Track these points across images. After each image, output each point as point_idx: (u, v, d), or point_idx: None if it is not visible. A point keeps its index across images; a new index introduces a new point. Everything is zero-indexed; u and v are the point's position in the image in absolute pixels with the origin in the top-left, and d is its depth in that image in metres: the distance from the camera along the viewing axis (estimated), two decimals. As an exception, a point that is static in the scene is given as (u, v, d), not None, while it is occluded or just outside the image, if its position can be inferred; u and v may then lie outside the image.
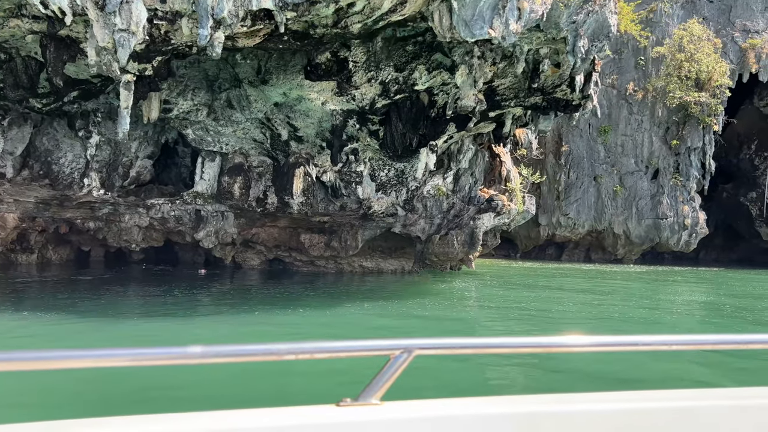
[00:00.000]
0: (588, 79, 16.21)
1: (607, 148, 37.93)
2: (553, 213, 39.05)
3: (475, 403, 1.91)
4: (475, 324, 14.10)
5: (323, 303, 15.82)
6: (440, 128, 18.06)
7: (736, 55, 35.91)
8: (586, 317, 14.96)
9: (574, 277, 27.40)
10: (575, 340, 2.09)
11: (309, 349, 1.82)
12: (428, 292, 18.56)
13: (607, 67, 38.29)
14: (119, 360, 1.74)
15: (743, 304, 19.79)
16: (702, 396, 2.11)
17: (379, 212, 20.60)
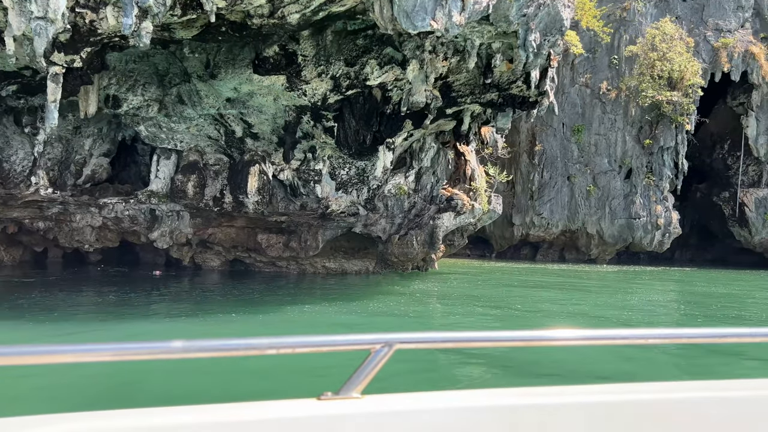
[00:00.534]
0: (544, 75, 15.78)
1: (581, 148, 37.68)
2: (526, 213, 38.74)
3: (455, 397, 1.93)
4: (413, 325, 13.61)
5: (268, 305, 15.28)
6: (397, 125, 17.57)
7: (708, 55, 35.79)
8: (534, 317, 14.54)
9: (540, 276, 27.04)
10: (557, 333, 2.11)
11: (290, 344, 1.82)
12: (383, 293, 18.07)
13: (581, 66, 38.08)
14: (101, 355, 1.72)
15: (700, 302, 19.50)
16: (688, 388, 2.10)
17: (338, 212, 20.08)
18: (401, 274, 24.89)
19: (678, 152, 35.82)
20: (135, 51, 17.86)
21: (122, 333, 11.56)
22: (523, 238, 39.89)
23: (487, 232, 43.03)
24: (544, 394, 2.00)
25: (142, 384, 7.24)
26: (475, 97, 16.70)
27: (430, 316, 14.77)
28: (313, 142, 18.56)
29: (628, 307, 17.65)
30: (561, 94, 38.25)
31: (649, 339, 2.38)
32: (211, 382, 7.43)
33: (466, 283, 22.26)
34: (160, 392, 7.12)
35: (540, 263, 38.85)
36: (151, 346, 1.71)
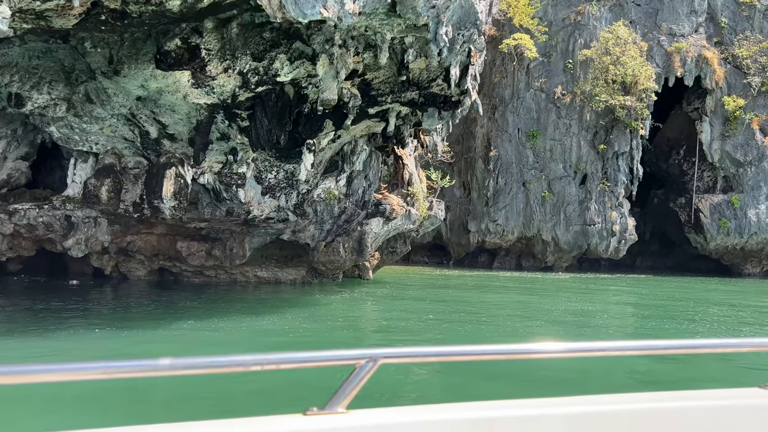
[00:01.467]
0: (465, 73, 14.92)
1: (536, 153, 37.09)
2: (482, 219, 38.00)
3: (440, 410, 1.95)
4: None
5: (165, 319, 14.13)
6: (317, 125, 16.58)
7: (661, 59, 35.48)
8: (438, 333, 13.58)
9: (483, 283, 26.18)
10: (540, 347, 2.13)
11: (275, 360, 1.84)
12: (303, 304, 17.02)
13: (536, 70, 37.56)
14: (89, 373, 1.73)
15: (623, 312, 18.76)
16: (669, 398, 2.14)
17: (262, 218, 19.00)
18: (340, 282, 23.86)
19: (633, 157, 35.38)
20: (38, 46, 16.69)
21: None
22: (480, 245, 39.13)
23: (444, 239, 42.24)
24: (527, 406, 2.02)
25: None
26: (395, 96, 15.79)
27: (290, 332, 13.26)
28: (233, 143, 17.49)
29: (533, 318, 16.85)
30: (516, 98, 37.70)
31: (633, 351, 2.49)
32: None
33: (393, 293, 21.29)
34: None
35: (497, 271, 38.09)
36: (138, 364, 1.72)
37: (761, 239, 34.90)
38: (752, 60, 34.51)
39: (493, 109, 38.39)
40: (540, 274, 34.58)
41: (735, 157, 34.73)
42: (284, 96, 15.28)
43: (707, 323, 16.37)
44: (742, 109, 34.24)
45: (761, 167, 34.44)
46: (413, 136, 23.17)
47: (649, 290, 28.14)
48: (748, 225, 34.65)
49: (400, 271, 33.98)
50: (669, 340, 2.67)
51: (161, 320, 14.09)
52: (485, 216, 37.68)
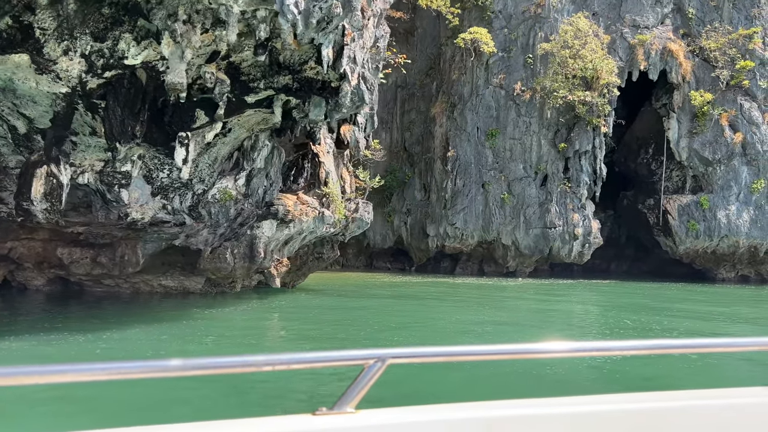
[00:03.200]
0: (340, 55, 13.10)
1: (496, 153, 35.22)
2: (440, 223, 36.12)
3: (448, 410, 1.96)
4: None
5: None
6: (187, 116, 14.79)
7: (625, 52, 33.60)
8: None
9: (413, 295, 24.23)
10: (548, 346, 2.14)
11: (285, 360, 1.86)
12: (185, 317, 15.18)
13: (496, 66, 35.74)
14: (98, 374, 1.73)
15: (525, 322, 16.78)
16: (675, 397, 2.14)
17: (145, 221, 17.19)
18: (261, 291, 22.03)
19: (596, 157, 33.45)
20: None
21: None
22: (440, 250, 37.23)
23: (405, 244, 40.37)
24: (535, 405, 2.02)
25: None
26: (268, 81, 13.98)
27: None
28: (99, 139, 15.70)
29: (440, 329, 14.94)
30: (475, 96, 35.89)
31: (639, 350, 2.46)
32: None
33: (306, 303, 19.43)
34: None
35: (458, 277, 36.14)
36: (147, 365, 1.73)
37: (732, 242, 32.88)
38: (721, 52, 32.60)
39: (451, 107, 36.59)
40: (497, 280, 32.62)
41: (703, 155, 32.77)
42: (137, 82, 13.50)
43: (608, 331, 14.43)
44: (710, 104, 32.31)
45: (731, 166, 32.45)
46: (333, 132, 21.38)
47: (602, 297, 26.18)
48: (717, 227, 32.64)
49: (337, 278, 32.12)
50: (676, 340, 2.42)
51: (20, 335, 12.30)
52: (443, 219, 35.80)
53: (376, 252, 41.55)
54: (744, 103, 32.29)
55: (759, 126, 31.99)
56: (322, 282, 29.25)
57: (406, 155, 40.40)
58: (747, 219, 32.31)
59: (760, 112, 32.23)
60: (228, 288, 18.53)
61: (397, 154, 41.02)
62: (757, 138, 32.02)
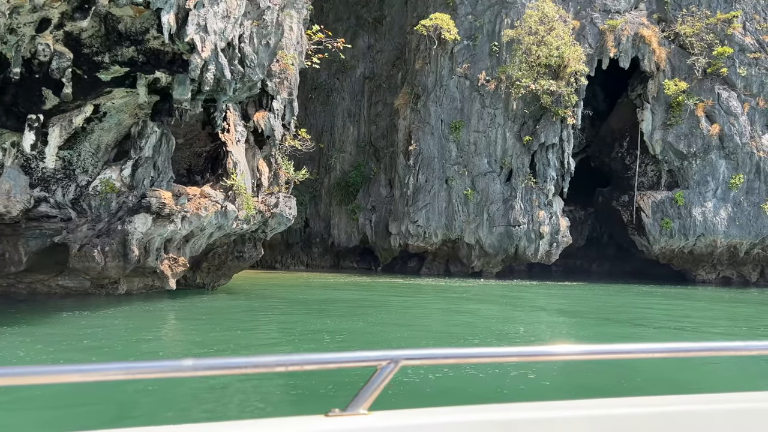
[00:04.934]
0: (185, 22, 11.35)
1: (460, 147, 33.28)
2: (402, 220, 34.26)
3: (461, 412, 1.96)
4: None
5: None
6: (34, 96, 13.13)
7: (594, 38, 31.51)
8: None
9: (345, 299, 22.39)
10: (561, 349, 2.15)
11: (298, 361, 1.88)
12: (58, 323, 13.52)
13: (461, 55, 33.81)
14: (112, 374, 1.76)
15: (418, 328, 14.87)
16: (689, 401, 2.14)
17: (11, 215, 15.55)
18: (175, 293, 20.38)
19: (564, 150, 31.41)
20: None
21: None
22: (403, 249, 35.36)
23: (370, 243, 38.56)
24: (550, 408, 2.02)
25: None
26: (113, 55, 12.27)
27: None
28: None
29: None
30: (439, 87, 34.00)
31: (656, 353, 2.44)
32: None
33: (203, 305, 17.71)
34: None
35: (424, 277, 34.26)
36: (160, 365, 1.74)
37: (709, 242, 30.68)
38: (697, 38, 30.41)
39: (415, 98, 34.70)
40: (460, 281, 30.67)
41: (678, 148, 30.59)
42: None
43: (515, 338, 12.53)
44: (685, 93, 30.13)
45: (707, 159, 30.24)
46: (245, 118, 19.67)
47: (549, 299, 24.16)
48: (693, 225, 30.45)
49: (283, 279, 30.40)
50: (693, 343, 2.27)
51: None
52: (406, 217, 33.94)
53: (342, 251, 39.80)
54: (722, 93, 30.08)
55: (737, 117, 29.77)
56: (259, 283, 27.55)
57: (372, 150, 38.62)
58: (725, 216, 30.12)
59: (739, 101, 30.02)
60: (111, 290, 16.84)
61: (364, 148, 39.27)
62: (735, 130, 29.81)
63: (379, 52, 39.80)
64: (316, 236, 39.88)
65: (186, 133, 20.47)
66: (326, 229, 39.54)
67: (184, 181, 20.24)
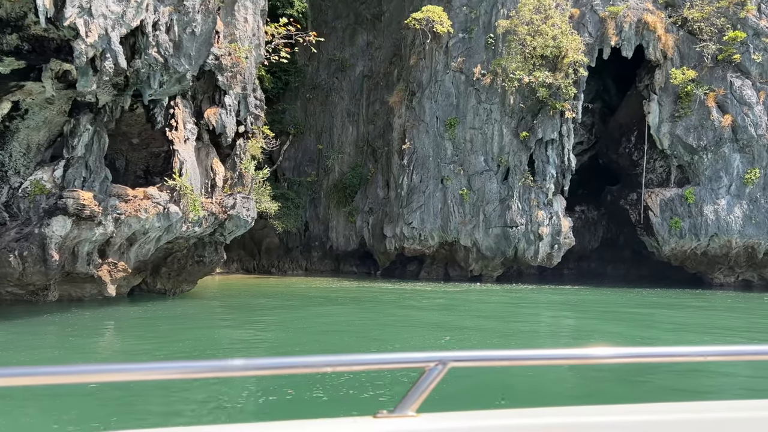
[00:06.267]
0: (63, 4, 10.35)
1: (455, 145, 31.76)
2: (397, 223, 32.91)
3: (510, 415, 1.93)
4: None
5: None
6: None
7: (595, 27, 29.58)
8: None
9: (319, 308, 21.18)
10: (611, 351, 2.10)
11: (346, 362, 1.89)
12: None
13: (456, 48, 32.34)
14: (166, 373, 1.81)
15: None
16: (717, 408, 2.10)
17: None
18: (137, 299, 19.56)
19: (563, 146, 29.57)
20: None
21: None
22: (399, 252, 33.97)
23: (368, 246, 37.24)
24: (601, 413, 1.98)
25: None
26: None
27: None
28: None
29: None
30: (434, 82, 32.58)
31: (707, 356, 2.27)
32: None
33: (147, 314, 16.73)
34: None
35: (423, 281, 32.81)
36: (212, 364, 1.78)
37: (724, 242, 28.36)
38: (707, 23, 28.22)
39: (410, 95, 33.35)
40: (449, 286, 29.11)
41: (687, 141, 28.39)
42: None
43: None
44: (693, 82, 27.96)
45: (720, 153, 27.96)
46: (195, 115, 18.70)
47: (527, 308, 22.45)
48: (704, 224, 28.20)
49: (267, 285, 29.38)
50: (754, 346, 2.19)
51: None
52: (400, 219, 32.58)
53: (341, 255, 38.63)
54: (735, 81, 27.79)
55: (752, 106, 27.43)
56: (232, 289, 26.62)
57: (370, 150, 37.39)
58: (740, 215, 27.79)
59: (754, 90, 27.68)
60: (41, 297, 16.00)
61: (362, 148, 38.07)
62: (749, 120, 27.48)
63: (378, 50, 38.59)
64: (315, 240, 38.82)
65: (140, 132, 19.63)
66: (325, 232, 38.46)
67: (141, 182, 19.42)
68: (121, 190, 16.46)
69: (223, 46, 18.31)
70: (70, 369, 1.62)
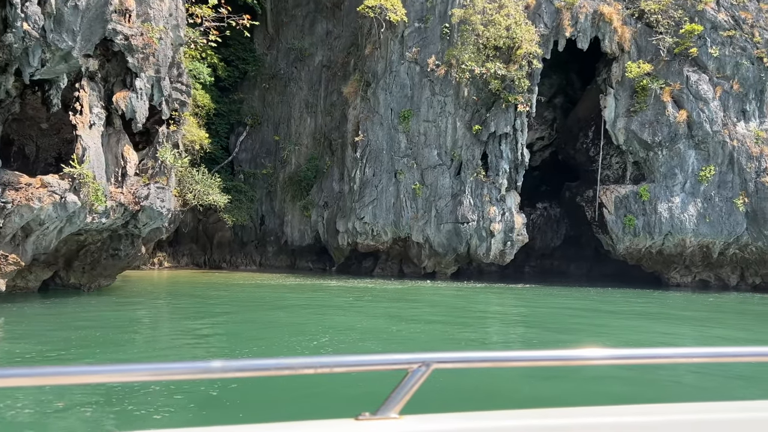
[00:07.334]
0: None
1: (409, 138, 30.82)
2: (349, 217, 31.95)
3: (494, 417, 1.90)
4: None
5: None
6: None
7: (550, 17, 28.70)
8: None
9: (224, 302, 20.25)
10: (595, 353, 2.07)
11: (328, 364, 1.84)
12: None
13: (412, 38, 31.38)
14: (140, 374, 1.76)
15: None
16: (703, 409, 2.06)
17: None
18: (47, 294, 18.52)
19: (517, 141, 28.69)
20: None
21: None
22: (352, 247, 33.02)
23: (323, 241, 36.27)
24: (584, 414, 1.96)
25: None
26: None
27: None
28: None
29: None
30: (389, 73, 31.62)
31: (694, 358, 2.27)
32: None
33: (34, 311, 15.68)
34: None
35: (378, 278, 31.87)
36: (189, 366, 1.72)
37: (678, 241, 27.63)
38: (664, 15, 27.41)
39: (365, 86, 32.37)
40: (399, 283, 28.20)
41: (642, 137, 27.59)
42: None
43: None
44: (649, 76, 27.15)
45: (675, 150, 27.18)
46: (106, 99, 17.64)
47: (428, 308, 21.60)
48: (658, 223, 27.44)
49: (206, 280, 28.36)
50: (740, 348, 2.20)
51: None
52: (352, 213, 31.62)
53: (297, 250, 37.63)
54: (691, 75, 27.01)
55: (708, 102, 26.67)
56: (159, 284, 25.58)
57: (327, 142, 36.38)
58: (694, 213, 27.05)
59: (710, 85, 26.91)
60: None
61: (320, 141, 37.06)
62: (705, 116, 26.71)
63: (337, 39, 37.56)
64: (271, 234, 37.79)
65: (49, 117, 18.55)
66: (280, 226, 37.44)
67: (51, 170, 18.34)
68: (13, 178, 15.41)
69: (135, 25, 17.26)
70: (38, 371, 1.54)
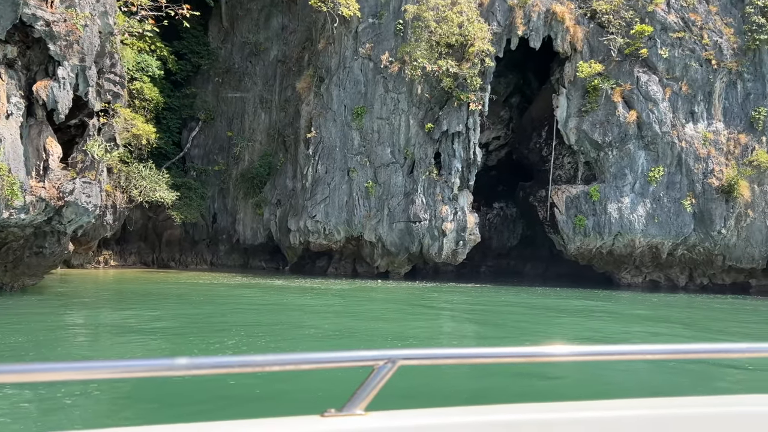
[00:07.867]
0: None
1: (363, 135, 30.32)
2: (301, 216, 31.31)
3: (459, 413, 1.91)
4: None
5: None
6: None
7: (504, 15, 28.51)
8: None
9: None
10: (560, 350, 2.10)
11: (294, 360, 1.84)
12: None
13: (366, 34, 30.87)
14: (103, 372, 1.72)
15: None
16: (689, 404, 2.08)
17: None
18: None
19: (470, 139, 28.43)
20: None
21: None
22: (305, 247, 32.40)
23: (275, 240, 35.55)
24: (547, 410, 1.98)
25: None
26: None
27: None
28: None
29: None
30: (342, 69, 31.06)
31: (658, 354, 2.40)
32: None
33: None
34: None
35: (330, 278, 31.26)
36: (152, 363, 1.66)
37: (627, 241, 27.69)
38: (615, 15, 27.43)
39: (319, 82, 31.77)
40: (348, 283, 27.66)
41: (593, 137, 27.59)
42: None
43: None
44: (600, 76, 27.15)
45: (625, 150, 27.24)
46: (23, 89, 16.72)
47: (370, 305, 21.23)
48: (608, 223, 27.47)
49: (143, 279, 27.48)
50: (699, 344, 2.33)
51: None
52: (304, 211, 30.99)
53: (250, 249, 36.83)
54: (641, 76, 27.09)
55: (657, 103, 26.77)
56: (103, 285, 24.64)
57: (281, 139, 35.66)
58: (643, 213, 27.13)
59: (660, 86, 27.03)
60: None
61: (273, 137, 36.31)
62: (654, 117, 26.82)
63: (293, 33, 36.86)
64: (223, 233, 36.91)
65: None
66: (233, 224, 36.59)
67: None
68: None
69: (58, 11, 16.40)
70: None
